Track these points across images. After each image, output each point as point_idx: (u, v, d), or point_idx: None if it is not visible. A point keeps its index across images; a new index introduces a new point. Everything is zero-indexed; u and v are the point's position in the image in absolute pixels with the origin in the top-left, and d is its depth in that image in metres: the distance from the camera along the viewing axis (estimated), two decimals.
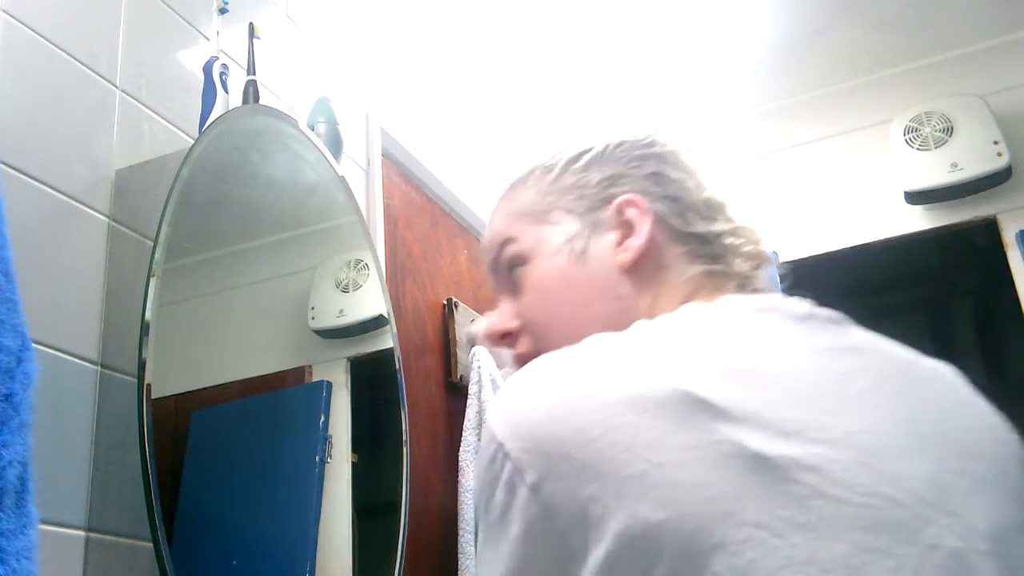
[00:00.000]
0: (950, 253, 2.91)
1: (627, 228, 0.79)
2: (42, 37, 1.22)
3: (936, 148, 2.69)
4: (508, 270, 0.82)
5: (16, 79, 1.17)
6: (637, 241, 0.78)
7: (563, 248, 0.79)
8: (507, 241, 0.82)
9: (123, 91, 1.34)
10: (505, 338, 0.81)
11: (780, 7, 2.60)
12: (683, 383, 0.56)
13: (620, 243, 0.79)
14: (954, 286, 3.64)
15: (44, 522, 0.89)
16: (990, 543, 0.56)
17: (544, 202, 0.83)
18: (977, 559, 0.55)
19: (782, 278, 0.97)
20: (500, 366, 2.17)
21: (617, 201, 0.80)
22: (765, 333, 0.66)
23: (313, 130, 1.60)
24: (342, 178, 1.60)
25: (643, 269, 0.79)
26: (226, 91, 1.37)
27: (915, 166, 2.71)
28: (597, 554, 0.53)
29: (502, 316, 0.82)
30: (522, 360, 0.79)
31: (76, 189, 1.22)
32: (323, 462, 1.44)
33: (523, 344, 0.80)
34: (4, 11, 1.17)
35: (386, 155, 2.04)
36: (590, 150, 0.85)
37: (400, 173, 2.12)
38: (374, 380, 1.62)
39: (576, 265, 0.79)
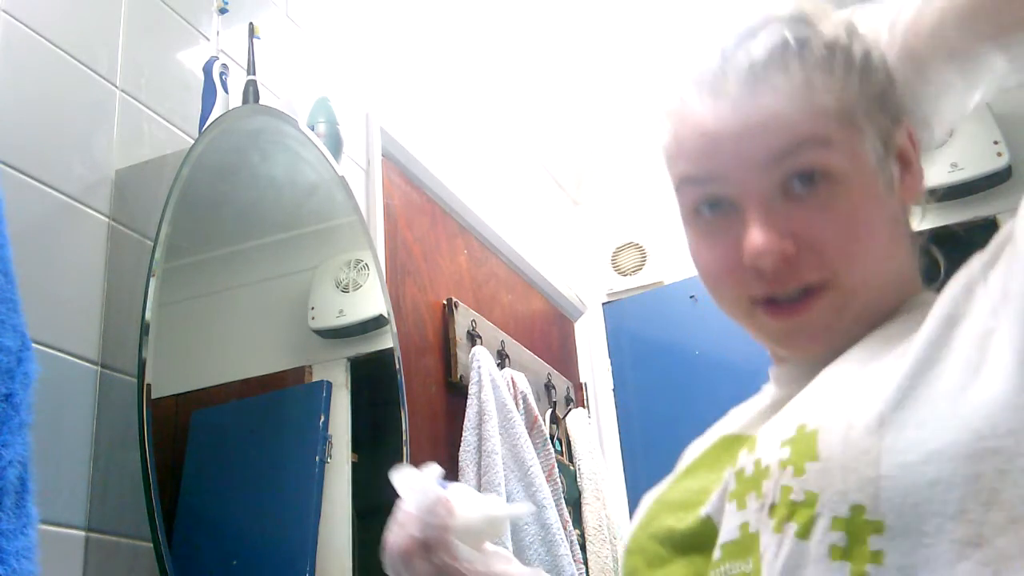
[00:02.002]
0: (950, 253, 2.91)
1: (905, 161, 0.71)
2: (42, 37, 1.22)
3: (936, 148, 2.69)
4: (799, 173, 0.66)
5: (16, 79, 1.18)
6: (916, 183, 0.72)
7: (876, 171, 0.68)
8: (818, 141, 0.66)
9: (123, 91, 1.34)
10: (777, 259, 0.66)
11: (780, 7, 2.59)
12: None
13: (903, 180, 0.71)
14: None
15: (44, 522, 0.89)
16: None
17: (848, 102, 0.67)
18: None
19: None
20: (500, 366, 2.17)
21: (905, 124, 0.71)
22: None
23: (313, 130, 1.60)
24: (342, 178, 1.60)
25: (907, 219, 0.73)
26: (226, 91, 1.37)
27: None
28: None
29: (775, 233, 0.66)
30: (796, 290, 0.67)
31: (76, 189, 1.22)
32: (323, 462, 1.44)
33: (807, 272, 0.67)
34: (4, 11, 1.17)
35: (386, 155, 2.04)
36: (870, 47, 0.70)
37: (400, 173, 2.12)
38: (374, 380, 1.62)
39: (888, 196, 0.69)
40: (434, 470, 0.85)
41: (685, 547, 0.69)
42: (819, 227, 0.66)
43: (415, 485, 0.85)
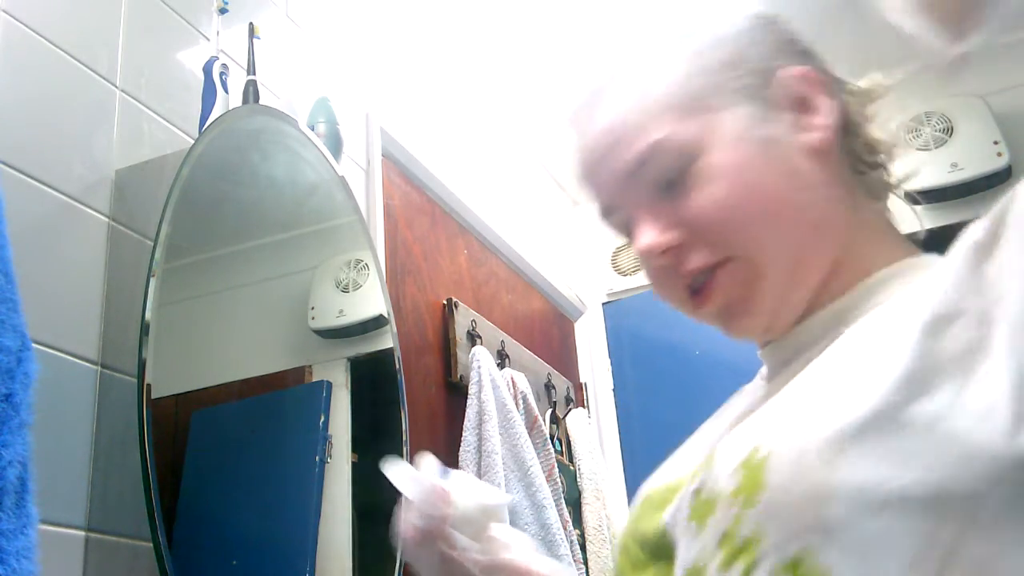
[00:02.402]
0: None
1: (803, 106, 0.71)
2: (42, 37, 1.22)
3: (936, 148, 2.69)
4: (660, 176, 0.69)
5: (16, 79, 1.17)
6: (822, 119, 0.70)
7: (742, 136, 0.68)
8: (656, 145, 0.69)
9: (123, 91, 1.34)
10: (668, 253, 0.69)
11: (780, 7, 2.59)
12: None
13: (800, 125, 0.70)
14: None
15: (44, 522, 0.89)
16: None
17: (695, 86, 0.70)
18: None
19: None
20: (500, 366, 2.17)
21: (785, 73, 0.72)
22: None
23: (313, 130, 1.60)
24: (342, 178, 1.60)
25: (833, 158, 0.70)
26: (226, 91, 1.37)
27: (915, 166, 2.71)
28: None
29: (658, 230, 0.69)
30: (701, 273, 0.68)
31: (76, 189, 1.22)
32: (323, 462, 1.43)
33: (698, 256, 0.68)
34: (4, 11, 1.17)
35: (386, 155, 2.04)
36: (732, 23, 0.75)
37: (400, 173, 2.12)
38: (374, 380, 1.62)
39: (762, 154, 0.68)
40: (431, 461, 0.87)
41: (655, 552, 0.67)
42: (697, 208, 0.67)
43: (412, 475, 0.86)
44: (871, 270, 0.68)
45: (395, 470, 0.85)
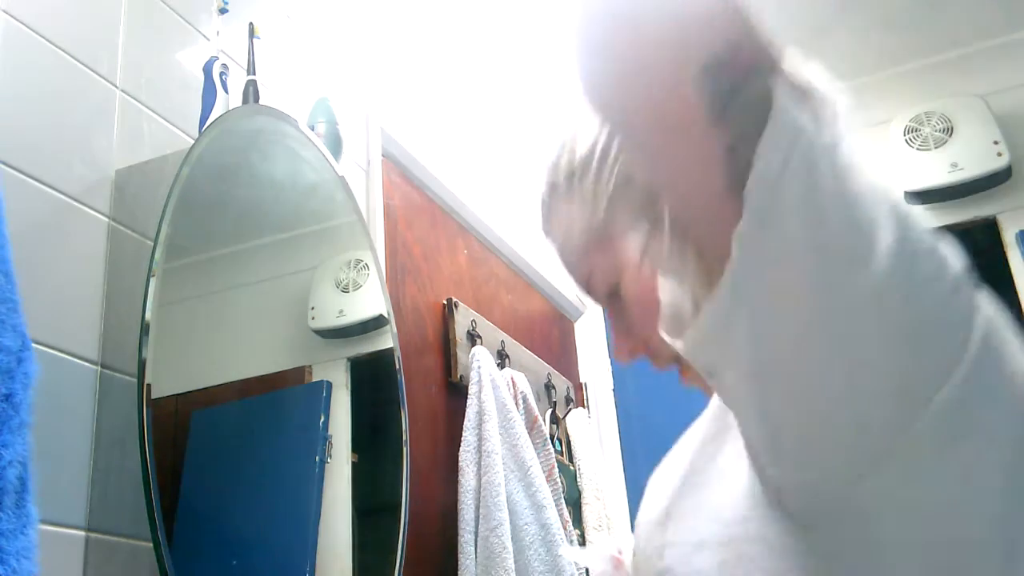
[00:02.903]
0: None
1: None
2: (42, 37, 1.22)
3: (936, 148, 2.69)
4: (603, 295, 0.83)
5: (16, 79, 1.17)
6: (663, 240, 0.74)
7: (643, 259, 0.77)
8: (588, 277, 0.84)
9: (123, 91, 1.34)
10: (633, 353, 0.82)
11: (780, 7, 2.59)
12: None
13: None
14: None
15: (44, 522, 0.89)
16: None
17: (606, 219, 0.79)
18: None
19: None
20: (500, 366, 2.17)
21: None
22: None
23: (313, 130, 1.60)
24: (342, 178, 1.60)
25: None
26: (226, 91, 1.37)
27: (915, 166, 2.71)
28: None
29: (621, 342, 0.83)
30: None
31: (76, 189, 1.22)
32: (323, 462, 1.44)
33: (657, 359, 0.81)
34: (4, 11, 1.17)
35: (386, 155, 2.04)
36: (607, 147, 0.81)
37: (400, 173, 2.12)
38: (374, 380, 1.62)
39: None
40: (603, 539, 1.04)
41: None
42: (636, 327, 0.78)
43: (594, 553, 1.00)
44: None
45: (579, 553, 1.04)
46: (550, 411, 2.44)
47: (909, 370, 0.52)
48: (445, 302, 2.14)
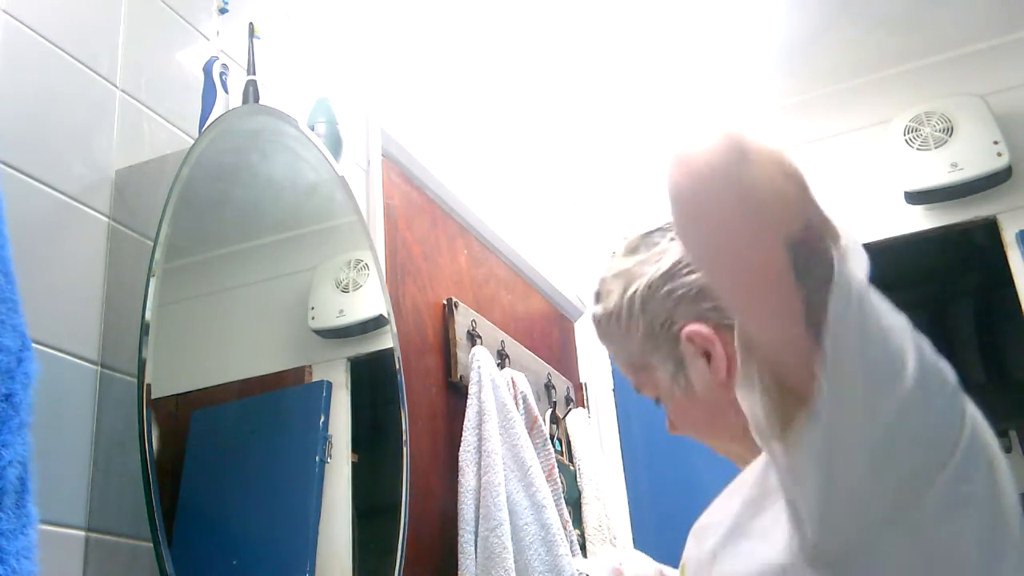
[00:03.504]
0: (950, 253, 2.92)
1: (707, 356, 0.93)
2: (42, 37, 1.22)
3: (936, 148, 2.69)
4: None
5: (16, 79, 1.17)
6: (720, 363, 0.92)
7: (672, 388, 0.97)
8: (636, 383, 1.03)
9: (123, 91, 1.34)
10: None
11: (780, 7, 2.60)
12: None
13: (708, 367, 0.93)
14: (954, 286, 3.64)
15: (44, 522, 0.89)
16: None
17: (641, 354, 0.98)
18: None
19: None
20: (500, 366, 2.17)
21: (686, 332, 0.94)
22: None
23: (313, 130, 1.60)
24: (342, 178, 1.60)
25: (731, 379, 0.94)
26: (226, 91, 1.37)
27: (915, 166, 2.71)
28: None
29: (669, 420, 1.04)
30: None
31: (76, 189, 1.22)
32: (323, 462, 1.44)
33: (673, 429, 1.04)
34: (4, 11, 1.17)
35: (386, 155, 2.04)
36: (635, 294, 0.98)
37: (400, 173, 2.12)
38: (374, 380, 1.62)
39: (687, 397, 0.96)
40: (608, 550, 1.12)
41: None
42: (670, 415, 1.03)
43: (599, 564, 1.11)
44: None
45: (586, 564, 1.12)
46: (550, 411, 2.44)
47: (922, 459, 0.70)
48: (445, 302, 2.14)
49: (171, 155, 1.33)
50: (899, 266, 2.95)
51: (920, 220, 2.75)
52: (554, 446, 2.29)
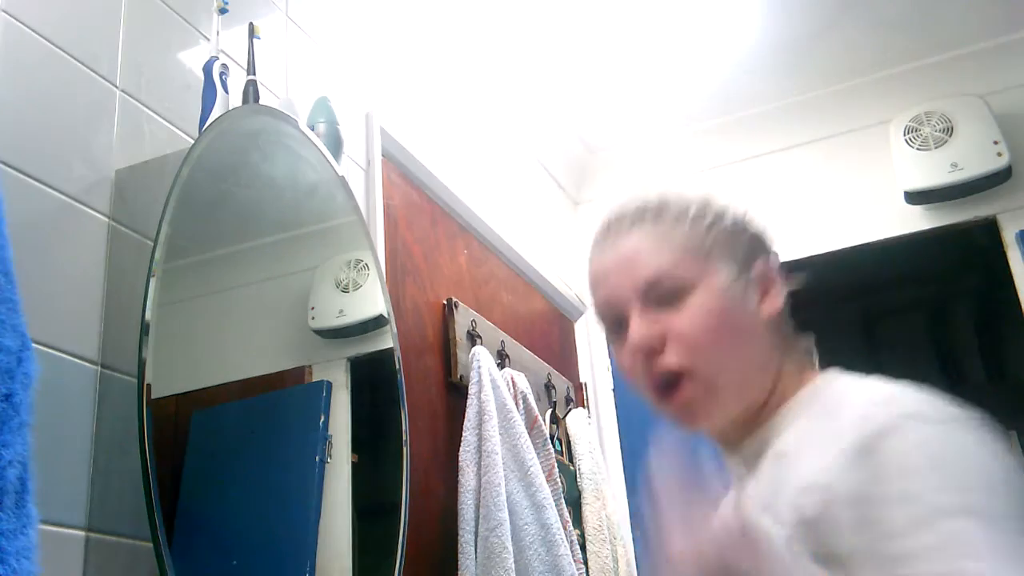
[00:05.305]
0: (950, 253, 2.92)
1: (765, 287, 0.95)
2: (42, 37, 1.22)
3: (936, 148, 2.69)
4: (661, 294, 0.93)
5: (16, 79, 1.17)
6: (776, 302, 0.95)
7: (727, 288, 0.93)
8: (672, 271, 0.93)
9: (123, 91, 1.34)
10: (649, 350, 0.92)
11: (780, 7, 2.60)
12: None
13: (762, 299, 0.94)
14: (954, 286, 3.64)
15: (44, 522, 0.89)
16: None
17: (705, 244, 0.95)
18: None
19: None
20: (500, 366, 2.17)
21: (760, 263, 0.96)
22: None
23: (313, 130, 1.59)
24: (342, 178, 1.60)
25: (775, 327, 0.95)
26: (226, 91, 1.37)
27: (915, 166, 2.71)
28: None
29: (647, 330, 0.92)
30: (670, 375, 0.92)
31: (76, 189, 1.22)
32: (323, 462, 1.43)
33: (671, 359, 0.92)
34: (4, 11, 1.17)
35: (386, 155, 2.04)
36: (729, 211, 0.98)
37: (400, 173, 2.12)
38: (374, 380, 1.62)
39: (736, 306, 0.93)
40: None
41: None
42: (682, 326, 0.92)
43: None
44: (788, 397, 0.94)
45: None
46: (550, 411, 2.44)
47: None
48: (445, 302, 2.14)
49: (171, 155, 1.33)
50: (899, 266, 2.96)
51: (920, 220, 2.75)
52: (554, 446, 2.29)
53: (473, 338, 2.15)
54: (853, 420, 0.82)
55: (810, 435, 0.87)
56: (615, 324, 0.97)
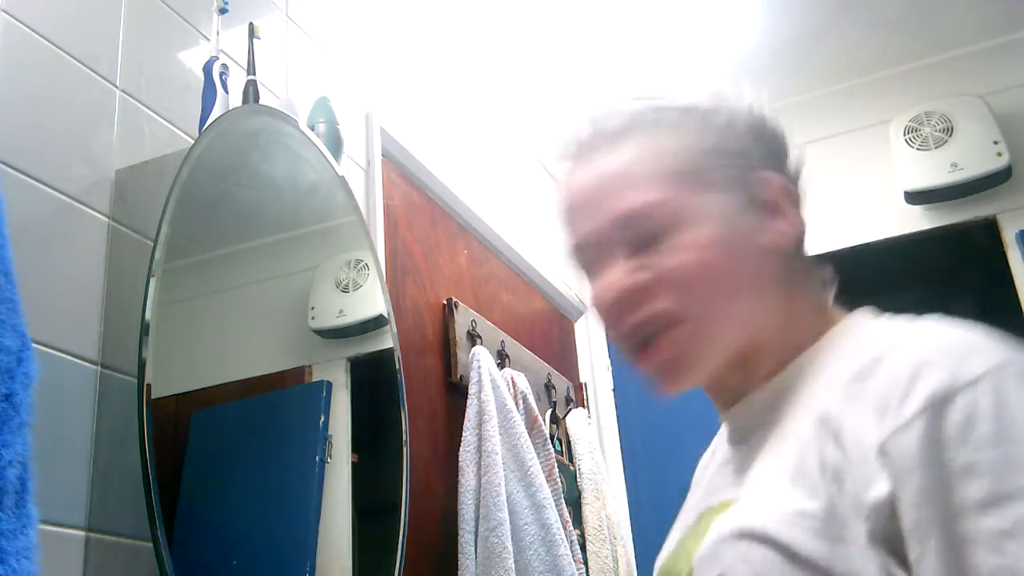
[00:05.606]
0: (950, 253, 2.91)
1: (773, 210, 0.79)
2: (42, 37, 1.22)
3: (936, 148, 2.69)
4: (644, 230, 0.77)
5: (16, 79, 1.17)
6: (786, 226, 0.79)
7: (725, 218, 0.78)
8: (649, 204, 0.77)
9: (123, 91, 1.34)
10: (630, 294, 0.77)
11: (780, 7, 2.60)
12: None
13: (772, 223, 0.79)
14: (954, 286, 3.64)
15: (44, 522, 0.89)
16: None
17: (696, 163, 0.79)
18: None
19: None
20: (500, 366, 2.17)
21: (765, 177, 0.80)
22: None
23: (313, 130, 1.60)
24: (342, 178, 1.60)
25: (787, 258, 0.80)
26: (226, 91, 1.37)
27: (915, 166, 2.71)
28: None
29: (627, 272, 0.77)
30: (653, 325, 0.77)
31: (76, 189, 1.22)
32: (323, 462, 1.43)
33: (657, 303, 0.76)
34: (4, 11, 1.17)
35: (386, 155, 2.04)
36: (736, 110, 0.82)
37: (400, 173, 2.12)
38: (374, 380, 1.62)
39: (733, 240, 0.77)
40: None
41: None
42: (670, 265, 0.76)
43: None
44: (801, 348, 0.79)
45: None
46: (550, 411, 2.44)
47: None
48: (445, 302, 2.14)
49: (171, 155, 1.33)
50: (899, 266, 2.95)
51: (920, 220, 2.75)
52: (554, 446, 2.29)
53: (473, 338, 2.15)
54: (903, 375, 0.66)
55: (850, 392, 0.70)
56: (589, 266, 0.83)
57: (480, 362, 2.03)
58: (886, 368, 0.68)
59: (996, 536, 0.59)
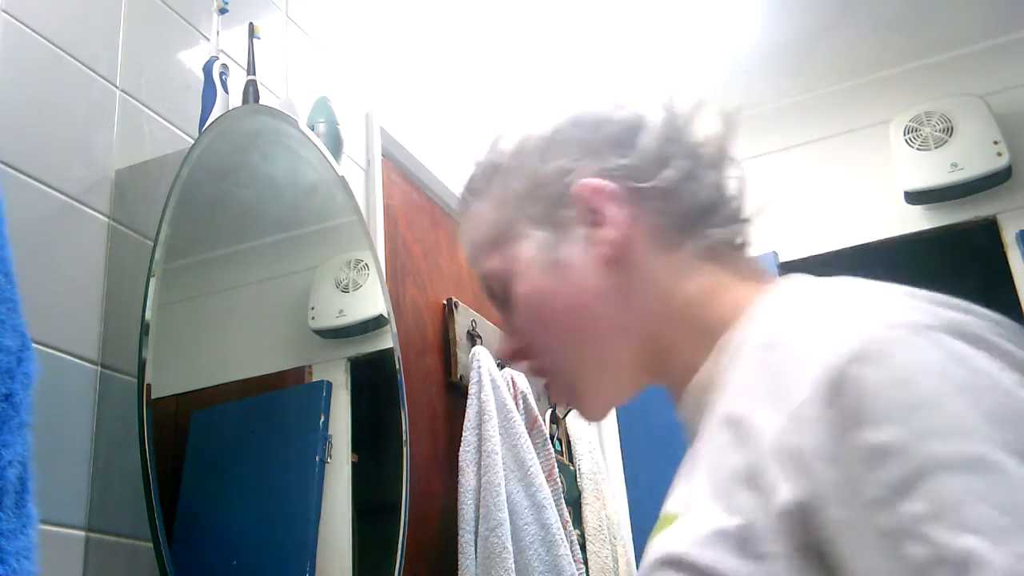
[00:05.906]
0: (950, 253, 2.92)
1: (594, 220, 0.72)
2: (42, 37, 1.22)
3: (936, 148, 2.69)
4: (496, 297, 0.78)
5: (16, 79, 1.17)
6: (611, 231, 0.72)
7: (534, 263, 0.74)
8: (485, 275, 0.78)
9: (123, 91, 1.34)
10: (517, 356, 0.78)
11: (780, 7, 2.60)
12: None
13: (591, 238, 0.72)
14: (954, 286, 3.64)
15: (44, 522, 0.89)
16: None
17: (502, 219, 0.77)
18: None
19: None
20: (500, 366, 2.17)
21: (577, 188, 0.73)
22: None
23: (313, 130, 1.60)
24: (342, 178, 1.60)
25: (632, 258, 0.72)
26: (226, 91, 1.37)
27: (915, 166, 2.71)
28: None
29: (508, 335, 0.79)
30: (543, 373, 0.78)
31: (76, 189, 1.22)
32: (323, 462, 1.44)
33: (534, 360, 0.78)
34: (4, 11, 1.17)
35: (386, 155, 2.05)
36: (535, 136, 0.79)
37: (400, 173, 2.12)
38: (374, 380, 1.62)
39: (553, 277, 0.73)
40: None
41: None
42: (518, 328, 0.77)
43: None
44: (717, 333, 0.70)
45: None
46: (550, 411, 2.44)
47: None
48: (445, 302, 2.14)
49: (171, 155, 1.33)
50: (899, 266, 2.95)
51: (920, 220, 2.75)
52: (554, 446, 2.29)
53: (473, 338, 2.15)
54: (788, 357, 0.59)
55: (747, 384, 0.63)
56: None
57: (480, 362, 2.03)
58: (777, 352, 0.61)
59: (918, 522, 0.50)
